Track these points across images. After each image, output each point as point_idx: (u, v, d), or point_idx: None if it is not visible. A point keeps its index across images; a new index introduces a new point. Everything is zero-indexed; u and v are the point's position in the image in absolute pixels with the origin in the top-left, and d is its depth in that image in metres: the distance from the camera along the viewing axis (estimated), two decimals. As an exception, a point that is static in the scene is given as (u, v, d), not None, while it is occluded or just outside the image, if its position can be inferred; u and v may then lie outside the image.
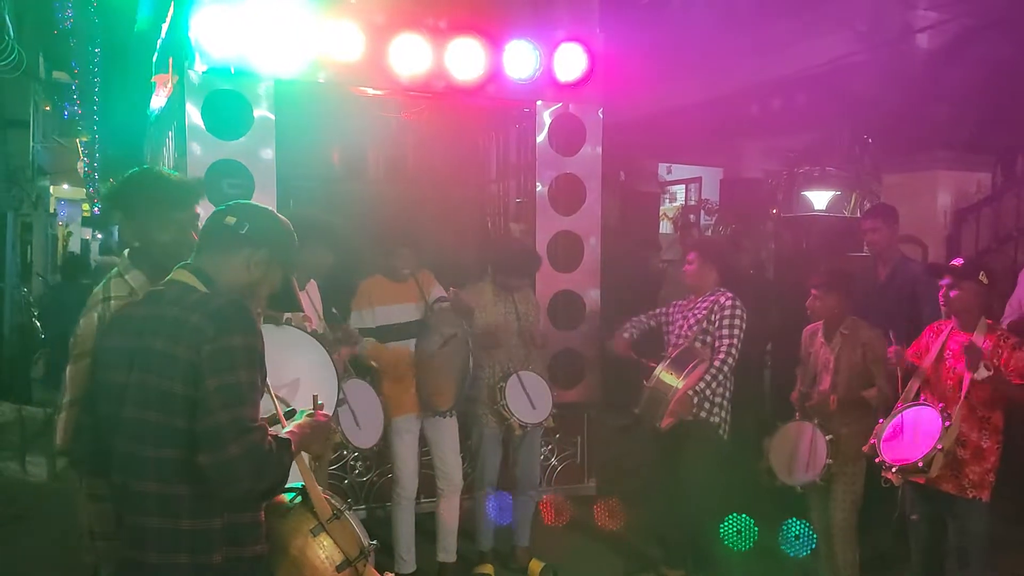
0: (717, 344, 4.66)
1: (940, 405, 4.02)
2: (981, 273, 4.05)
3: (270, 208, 2.42)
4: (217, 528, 2.13)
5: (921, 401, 4.13)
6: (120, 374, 2.16)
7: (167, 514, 2.11)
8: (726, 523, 4.92)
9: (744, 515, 4.98)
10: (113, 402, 2.17)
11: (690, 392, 4.50)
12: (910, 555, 4.44)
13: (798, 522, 4.75)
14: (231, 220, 2.26)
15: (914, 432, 4.00)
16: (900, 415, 4.10)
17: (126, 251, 2.88)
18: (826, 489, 4.52)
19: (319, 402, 2.53)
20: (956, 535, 4.10)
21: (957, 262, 4.26)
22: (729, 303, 4.71)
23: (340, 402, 3.86)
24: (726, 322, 4.67)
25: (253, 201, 2.44)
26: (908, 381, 4.20)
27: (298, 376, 3.45)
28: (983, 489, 4.01)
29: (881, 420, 4.17)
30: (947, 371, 4.11)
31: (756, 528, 4.96)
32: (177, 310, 2.14)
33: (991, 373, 3.84)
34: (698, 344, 4.69)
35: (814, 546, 4.70)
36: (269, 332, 3.50)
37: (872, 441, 4.11)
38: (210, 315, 2.10)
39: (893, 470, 3.96)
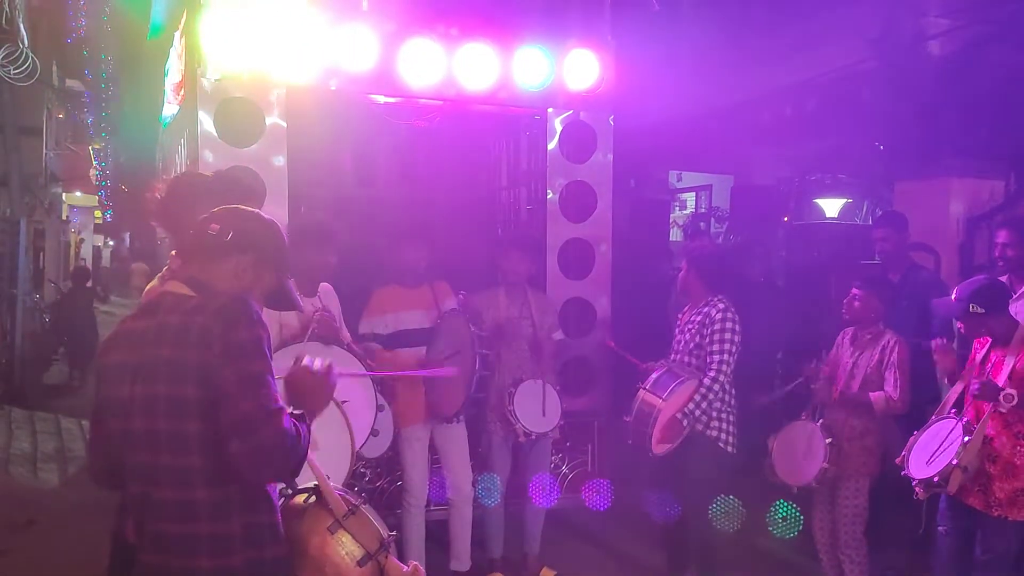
0: (708, 360, 4.54)
1: (966, 419, 3.93)
2: (971, 306, 3.97)
3: (255, 211, 2.39)
4: (236, 531, 2.14)
5: (950, 414, 4.05)
6: (123, 388, 2.17)
7: (186, 519, 2.12)
8: (730, 533, 4.89)
9: (750, 524, 4.97)
10: (120, 416, 2.18)
11: (679, 416, 4.43)
12: (930, 569, 4.37)
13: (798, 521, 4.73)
14: (215, 228, 2.25)
15: (940, 445, 3.92)
16: (930, 428, 4.05)
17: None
18: (831, 501, 4.50)
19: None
20: (981, 550, 4.02)
21: (954, 296, 4.18)
22: (719, 315, 4.55)
23: (380, 407, 4.21)
24: (716, 336, 4.54)
25: (240, 206, 2.39)
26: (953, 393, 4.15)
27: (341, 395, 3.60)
28: (1012, 508, 3.88)
29: (916, 432, 4.12)
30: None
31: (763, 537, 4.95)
32: (178, 317, 2.15)
33: (1014, 403, 3.75)
34: (692, 360, 4.63)
35: (822, 558, 4.68)
36: (315, 351, 3.77)
37: (904, 453, 4.06)
38: (214, 314, 2.12)
39: (913, 483, 3.92)
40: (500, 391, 4.89)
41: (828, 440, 4.34)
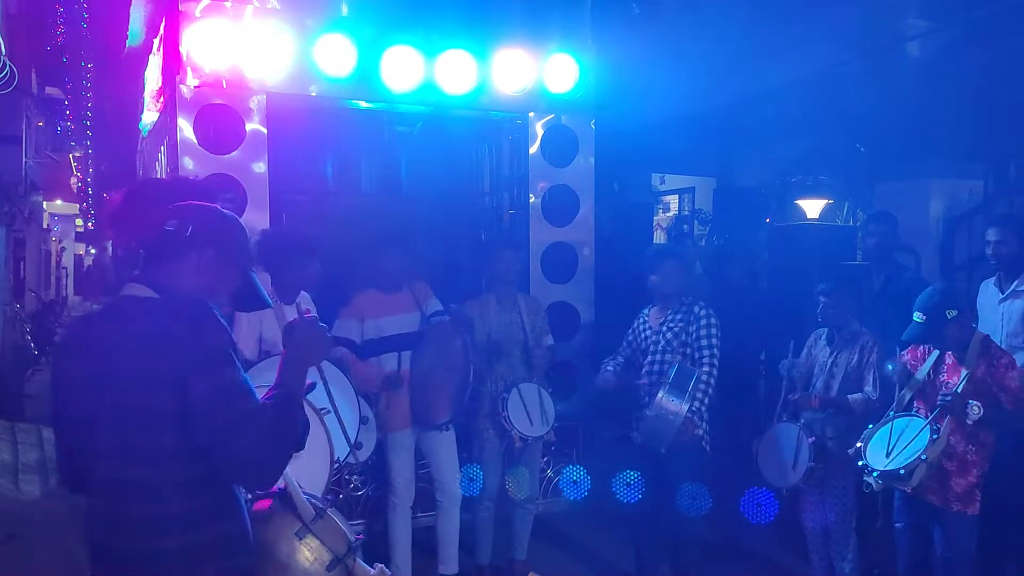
0: (698, 355, 4.61)
1: (930, 416, 3.99)
2: (947, 311, 3.96)
3: (213, 205, 2.32)
4: (206, 542, 2.11)
5: (912, 412, 4.12)
6: (89, 398, 2.09)
7: (157, 533, 2.07)
8: (715, 533, 4.89)
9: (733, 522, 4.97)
10: (87, 427, 2.10)
11: (689, 413, 4.45)
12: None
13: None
14: (172, 224, 2.18)
15: (901, 440, 3.98)
16: (892, 422, 4.09)
17: None
18: (821, 499, 4.52)
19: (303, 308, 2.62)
20: (942, 546, 4.08)
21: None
22: (704, 313, 4.68)
23: (363, 419, 4.20)
24: (704, 332, 4.63)
25: (198, 202, 2.31)
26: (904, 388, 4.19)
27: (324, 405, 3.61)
28: (968, 503, 3.97)
29: (872, 426, 4.17)
30: (939, 384, 4.08)
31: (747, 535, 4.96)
32: (143, 324, 2.08)
33: (980, 414, 3.80)
34: (678, 358, 4.64)
35: (809, 555, 4.70)
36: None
37: (859, 444, 4.10)
38: (181, 322, 2.07)
39: (875, 475, 3.95)
40: (493, 397, 4.87)
41: (811, 439, 4.36)
